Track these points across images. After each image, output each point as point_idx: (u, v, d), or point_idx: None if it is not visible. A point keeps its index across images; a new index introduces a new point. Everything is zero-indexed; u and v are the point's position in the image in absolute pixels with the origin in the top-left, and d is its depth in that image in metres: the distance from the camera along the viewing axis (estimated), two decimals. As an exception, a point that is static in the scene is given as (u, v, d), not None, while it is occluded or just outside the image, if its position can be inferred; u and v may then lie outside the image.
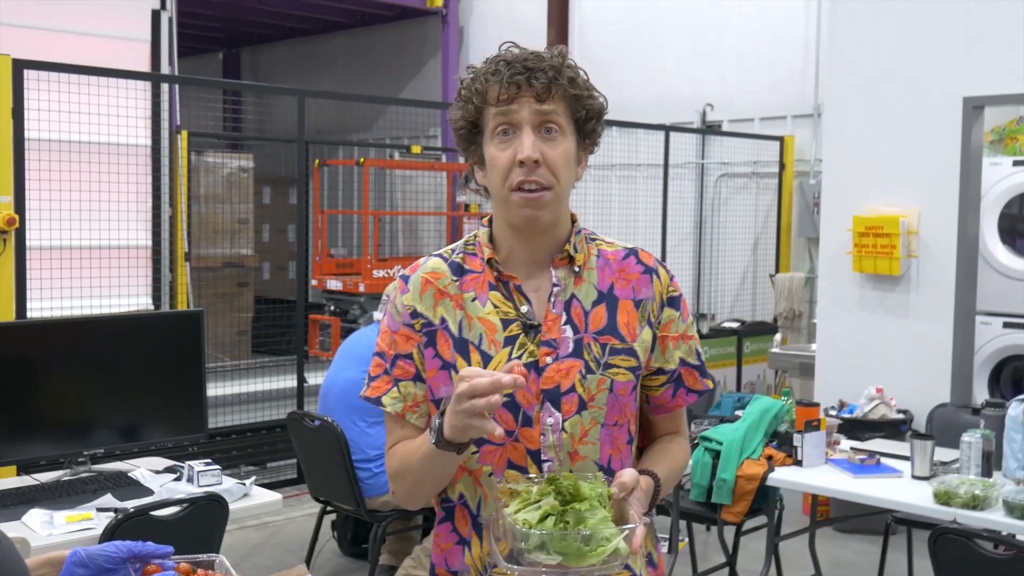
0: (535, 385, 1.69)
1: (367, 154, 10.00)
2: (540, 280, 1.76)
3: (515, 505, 1.56)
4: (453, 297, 1.75)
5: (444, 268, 1.79)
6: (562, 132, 1.71)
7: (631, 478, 1.60)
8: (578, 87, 1.72)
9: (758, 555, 4.56)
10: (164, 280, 6.64)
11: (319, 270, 8.24)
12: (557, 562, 1.50)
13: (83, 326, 3.69)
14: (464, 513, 1.76)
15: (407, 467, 1.73)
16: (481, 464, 1.72)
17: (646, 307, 1.78)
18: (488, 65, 1.72)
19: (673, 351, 1.81)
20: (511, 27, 10.19)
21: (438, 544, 1.80)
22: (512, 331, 1.71)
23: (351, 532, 5.08)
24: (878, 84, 5.48)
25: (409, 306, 1.76)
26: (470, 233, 1.84)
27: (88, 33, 6.74)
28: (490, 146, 1.72)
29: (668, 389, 1.82)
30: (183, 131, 7.34)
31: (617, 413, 1.74)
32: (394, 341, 1.77)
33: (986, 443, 3.72)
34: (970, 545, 2.94)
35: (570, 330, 1.72)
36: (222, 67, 12.88)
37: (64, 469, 3.54)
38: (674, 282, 1.83)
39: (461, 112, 1.74)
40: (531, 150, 1.66)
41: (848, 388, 5.38)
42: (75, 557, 1.41)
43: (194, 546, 3.03)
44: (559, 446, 1.69)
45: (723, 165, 8.74)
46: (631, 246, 1.84)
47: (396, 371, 1.76)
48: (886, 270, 5.40)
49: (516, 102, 1.67)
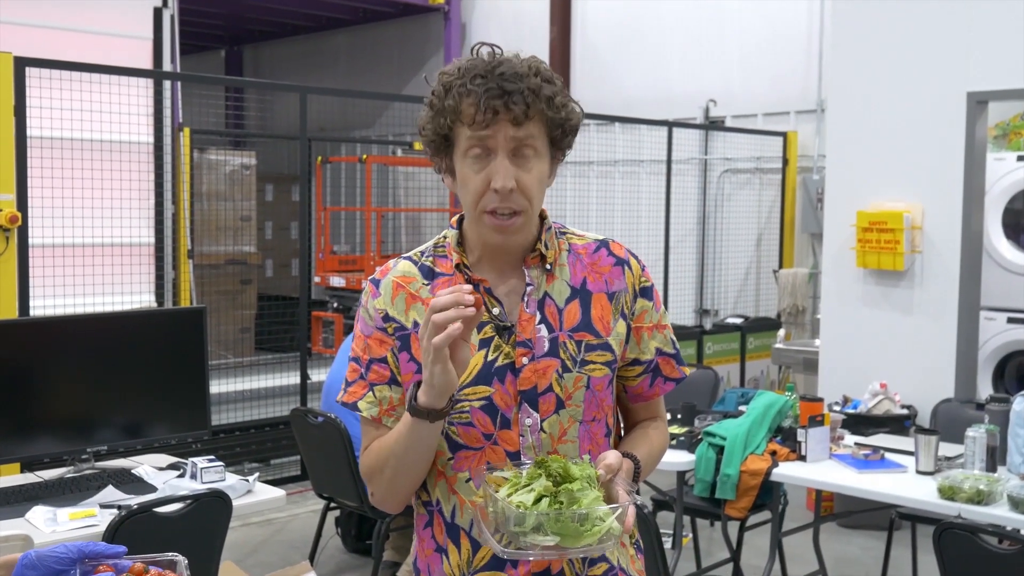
0: (512, 387, 1.68)
1: (369, 151, 10.00)
2: (512, 280, 1.74)
3: (506, 490, 1.56)
4: (423, 301, 1.72)
5: (414, 271, 1.76)
6: (537, 154, 1.67)
7: (616, 459, 1.60)
8: (555, 107, 1.66)
9: (762, 550, 4.56)
10: (167, 277, 6.64)
11: (322, 267, 8.24)
12: (555, 543, 1.51)
13: (86, 324, 3.69)
14: (439, 520, 1.73)
15: (382, 458, 1.68)
16: (456, 471, 1.69)
17: (619, 299, 1.77)
18: (461, 77, 1.64)
19: (648, 341, 1.80)
20: (513, 24, 10.19)
21: (422, 550, 1.78)
22: (486, 333, 1.69)
23: (355, 528, 5.08)
24: (881, 79, 5.47)
25: (381, 310, 1.74)
26: (439, 234, 1.81)
27: (90, 31, 6.74)
28: (462, 164, 1.68)
29: (645, 379, 1.82)
30: (185, 128, 7.33)
31: (595, 409, 1.73)
32: (368, 346, 1.75)
33: (990, 438, 3.71)
34: (974, 540, 2.93)
35: (545, 329, 1.71)
36: (224, 64, 12.88)
37: (67, 466, 3.55)
38: (646, 272, 1.81)
39: (432, 125, 1.69)
40: (505, 180, 1.63)
41: (852, 383, 5.37)
42: (26, 559, 1.39)
43: (197, 542, 3.05)
44: (538, 447, 1.68)
45: (726, 161, 8.73)
46: (601, 237, 1.82)
47: (371, 375, 1.74)
48: (890, 265, 5.39)
49: (491, 127, 1.63)
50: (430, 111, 1.69)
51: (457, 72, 1.66)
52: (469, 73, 1.64)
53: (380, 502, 1.75)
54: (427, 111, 1.70)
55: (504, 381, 1.68)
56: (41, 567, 1.39)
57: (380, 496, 1.74)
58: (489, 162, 1.65)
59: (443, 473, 1.71)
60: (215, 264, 8.29)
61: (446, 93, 1.66)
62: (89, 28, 6.74)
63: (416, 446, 1.64)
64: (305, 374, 6.34)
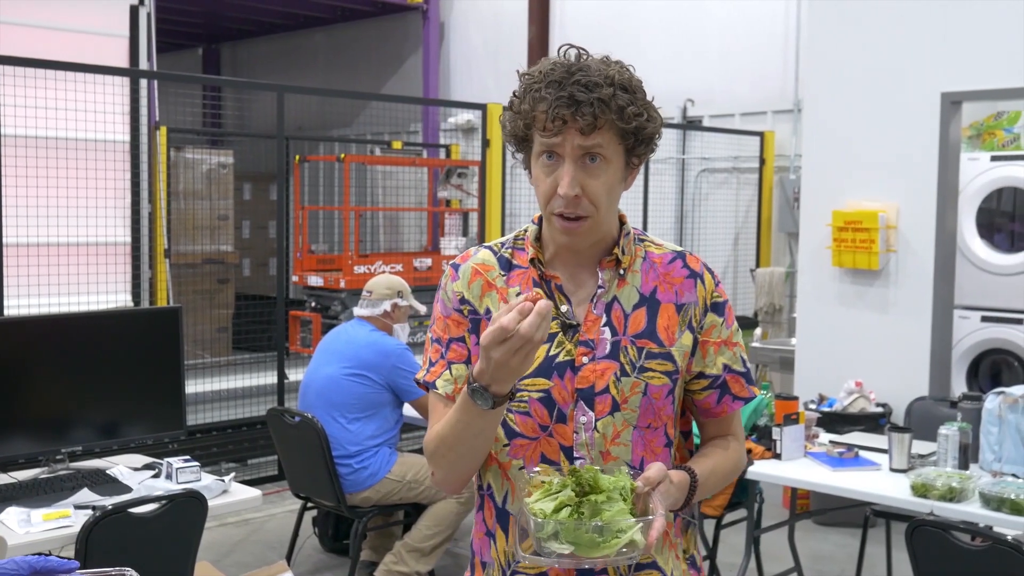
0: (570, 384, 1.72)
1: (348, 150, 9.97)
2: (584, 280, 1.78)
3: (536, 495, 1.59)
4: (499, 290, 1.79)
5: (493, 261, 1.82)
6: (606, 161, 1.69)
7: (657, 473, 1.61)
8: (626, 118, 1.67)
9: (738, 548, 4.59)
10: (143, 277, 6.60)
11: (300, 266, 8.21)
12: (570, 552, 1.53)
13: (61, 323, 3.68)
14: (490, 504, 1.79)
15: (443, 441, 1.70)
16: (511, 458, 1.74)
17: (688, 311, 1.78)
18: (538, 81, 1.68)
19: (715, 356, 1.81)
20: (493, 23, 10.19)
21: (476, 532, 1.84)
22: (552, 328, 1.73)
23: (332, 528, 5.07)
24: (857, 80, 5.50)
25: (458, 293, 1.81)
26: (521, 228, 1.86)
27: (66, 28, 6.69)
28: (536, 165, 1.73)
29: (712, 395, 1.83)
30: (162, 127, 7.30)
31: (651, 416, 1.75)
32: (447, 326, 1.81)
33: (963, 436, 3.75)
34: (946, 537, 2.96)
35: (608, 332, 1.74)
36: (202, 63, 12.82)
37: (42, 467, 3.53)
38: (719, 288, 1.83)
39: (511, 125, 1.75)
40: (570, 187, 1.67)
41: (828, 382, 5.41)
42: None
43: (173, 543, 3.04)
44: (591, 444, 1.72)
45: (704, 160, 8.77)
46: (679, 249, 1.84)
47: (451, 354, 1.80)
48: (865, 264, 5.43)
49: (560, 135, 1.66)
50: (511, 111, 1.74)
51: (537, 75, 1.69)
52: (547, 79, 1.67)
53: (442, 484, 1.80)
54: (507, 111, 1.75)
55: (563, 377, 1.72)
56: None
57: (441, 478, 1.78)
58: (558, 167, 1.69)
59: (497, 459, 1.77)
60: (192, 263, 8.26)
61: (524, 95, 1.70)
62: (65, 26, 6.69)
63: (473, 439, 1.67)
64: (283, 373, 6.32)
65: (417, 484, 4.35)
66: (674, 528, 1.81)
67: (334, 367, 4.38)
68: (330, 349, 4.51)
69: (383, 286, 4.53)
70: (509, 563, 1.76)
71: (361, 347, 4.38)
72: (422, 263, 8.14)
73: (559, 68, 1.68)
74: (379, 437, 4.35)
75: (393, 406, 4.41)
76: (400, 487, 4.33)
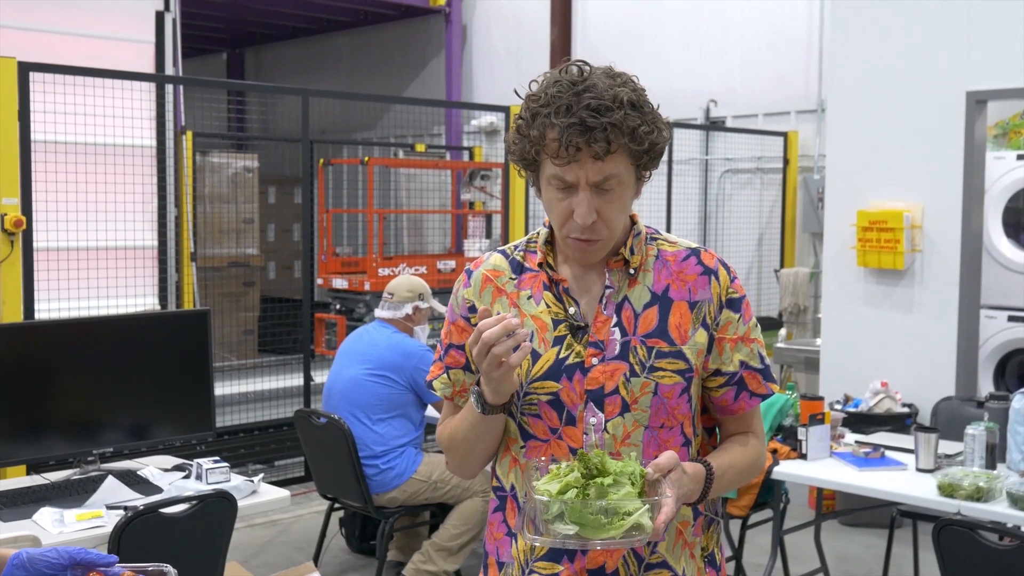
0: (580, 385, 1.73)
1: (371, 153, 10.01)
2: (593, 281, 1.78)
3: (544, 479, 1.60)
4: (510, 295, 1.81)
5: (505, 265, 1.84)
6: (620, 183, 1.69)
7: (668, 460, 1.61)
8: (638, 139, 1.65)
9: (764, 548, 4.58)
10: (170, 280, 6.66)
11: (324, 269, 8.24)
12: (575, 532, 1.53)
13: (91, 326, 3.72)
14: (512, 505, 1.81)
15: (455, 439, 1.82)
16: (528, 459, 1.76)
17: (701, 309, 1.77)
18: (546, 106, 1.65)
19: (731, 353, 1.80)
20: (514, 25, 10.20)
21: (491, 533, 1.86)
22: (561, 331, 1.75)
23: (359, 529, 5.10)
24: (881, 79, 5.49)
25: (468, 300, 1.84)
26: (534, 231, 1.87)
27: (92, 35, 6.77)
28: (547, 189, 1.72)
29: (730, 391, 1.81)
30: (188, 131, 7.35)
31: (664, 415, 1.74)
32: (450, 331, 1.87)
33: (990, 435, 3.73)
34: (974, 537, 2.95)
35: (618, 332, 1.74)
36: (226, 67, 12.90)
37: (73, 468, 3.57)
38: (735, 283, 1.81)
39: (518, 149, 1.72)
40: (587, 216, 1.67)
41: (853, 382, 5.39)
42: (16, 559, 1.39)
43: (203, 543, 3.07)
44: (601, 446, 1.72)
45: (727, 161, 8.75)
46: (694, 246, 1.83)
47: (448, 359, 1.85)
48: (890, 264, 5.41)
49: (573, 163, 1.65)
50: (517, 134, 1.72)
51: (544, 98, 1.67)
52: (554, 103, 1.64)
53: (456, 471, 1.91)
54: (514, 133, 1.73)
55: (572, 379, 1.73)
56: (31, 569, 1.39)
57: (455, 467, 1.90)
58: (572, 193, 1.68)
59: (516, 460, 1.80)
60: (218, 266, 8.32)
61: (532, 121, 1.68)
62: (91, 32, 6.76)
63: (487, 435, 1.78)
64: (308, 375, 6.36)
65: (443, 484, 4.37)
66: (692, 527, 1.80)
67: (357, 369, 4.40)
68: (352, 351, 4.53)
69: (404, 288, 4.54)
70: (528, 561, 1.77)
71: (383, 349, 4.40)
72: (446, 265, 8.16)
73: (565, 90, 1.64)
74: (404, 437, 4.37)
75: (417, 407, 4.43)
76: (426, 487, 4.35)
